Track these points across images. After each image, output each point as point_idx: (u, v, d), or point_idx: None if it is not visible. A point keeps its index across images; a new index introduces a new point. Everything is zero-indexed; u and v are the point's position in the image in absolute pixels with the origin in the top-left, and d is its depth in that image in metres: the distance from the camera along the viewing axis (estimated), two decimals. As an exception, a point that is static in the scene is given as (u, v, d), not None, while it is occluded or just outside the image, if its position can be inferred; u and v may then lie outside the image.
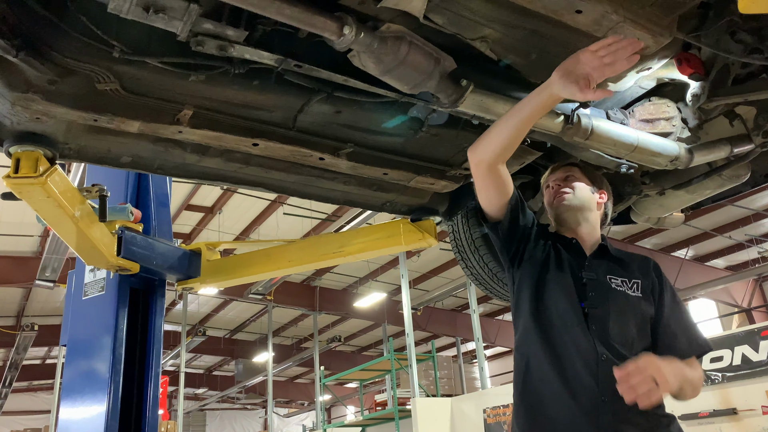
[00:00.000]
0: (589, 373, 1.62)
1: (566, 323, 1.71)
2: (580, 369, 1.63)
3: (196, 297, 16.37)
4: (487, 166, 1.75)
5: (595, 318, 1.70)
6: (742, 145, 2.21)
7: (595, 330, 1.68)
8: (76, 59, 1.62)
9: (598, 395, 1.59)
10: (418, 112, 2.07)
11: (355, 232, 3.00)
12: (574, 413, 1.60)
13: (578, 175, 1.96)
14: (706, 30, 1.80)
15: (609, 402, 1.57)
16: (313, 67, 1.69)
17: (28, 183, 1.92)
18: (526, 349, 1.76)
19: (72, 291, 3.06)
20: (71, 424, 2.75)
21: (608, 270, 1.81)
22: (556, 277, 1.79)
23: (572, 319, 1.71)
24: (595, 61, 1.51)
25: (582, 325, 1.69)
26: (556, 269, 1.81)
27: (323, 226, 12.41)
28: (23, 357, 16.36)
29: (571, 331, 1.69)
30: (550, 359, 1.68)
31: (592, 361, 1.63)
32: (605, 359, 1.62)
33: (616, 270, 1.82)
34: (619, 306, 1.73)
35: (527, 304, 1.80)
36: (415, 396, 9.73)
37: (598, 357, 1.63)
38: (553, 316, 1.73)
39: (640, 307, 1.76)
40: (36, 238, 12.26)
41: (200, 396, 26.31)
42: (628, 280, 1.80)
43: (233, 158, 2.14)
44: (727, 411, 6.57)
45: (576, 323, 1.70)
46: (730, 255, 14.34)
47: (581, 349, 1.66)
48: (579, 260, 1.84)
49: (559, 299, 1.75)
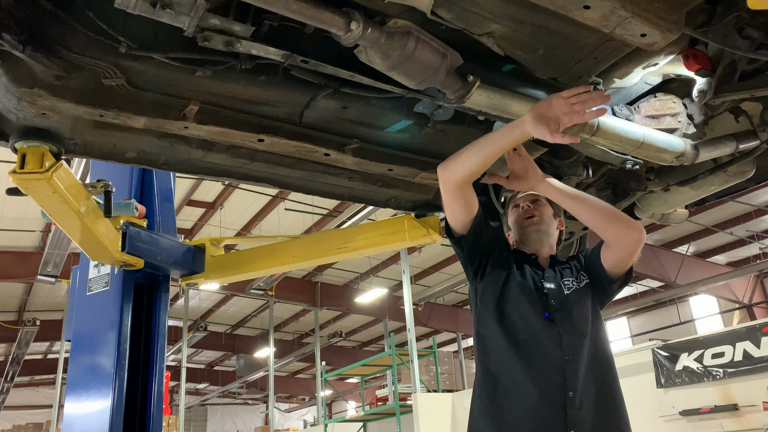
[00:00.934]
0: (555, 371, 1.76)
1: (531, 328, 1.85)
2: (547, 369, 1.77)
3: (198, 292, 16.40)
4: (455, 184, 1.86)
5: (562, 322, 1.85)
6: (747, 141, 2.22)
7: (564, 331, 1.83)
8: (82, 54, 1.62)
9: (565, 391, 1.73)
10: (424, 108, 2.07)
11: (359, 228, 2.99)
12: (542, 408, 1.72)
13: (543, 200, 2.09)
14: (714, 26, 1.79)
15: (573, 398, 1.72)
16: (319, 63, 1.69)
17: (33, 178, 1.92)
18: (494, 357, 1.88)
19: (76, 286, 3.06)
20: (76, 419, 2.76)
21: (561, 276, 1.99)
22: (519, 286, 1.93)
23: (537, 324, 1.85)
24: (565, 107, 1.62)
25: (547, 329, 1.83)
26: (519, 279, 1.95)
27: (325, 221, 12.42)
28: (25, 352, 16.41)
29: (536, 336, 1.83)
30: (517, 363, 1.80)
31: (559, 360, 1.77)
32: (570, 359, 1.78)
33: (565, 272, 2.00)
34: (577, 305, 1.91)
35: (492, 313, 1.92)
36: (417, 391, 9.75)
37: (564, 356, 1.78)
38: (518, 323, 1.87)
39: (589, 293, 1.95)
40: (38, 234, 12.28)
41: (201, 391, 26.37)
42: (575, 278, 1.98)
43: (239, 154, 2.14)
44: (728, 407, 6.58)
45: (541, 328, 1.84)
46: (732, 251, 14.35)
47: (547, 351, 1.80)
48: (539, 272, 1.99)
49: (524, 306, 1.89)
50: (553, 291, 1.93)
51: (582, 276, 1.99)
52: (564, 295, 1.92)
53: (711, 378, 6.81)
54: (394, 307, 16.45)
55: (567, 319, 1.86)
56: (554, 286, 1.94)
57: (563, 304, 1.90)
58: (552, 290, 1.93)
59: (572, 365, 1.77)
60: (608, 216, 1.89)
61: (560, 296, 1.92)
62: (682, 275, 13.53)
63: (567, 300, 1.91)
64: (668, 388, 7.18)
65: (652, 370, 7.31)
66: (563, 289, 1.94)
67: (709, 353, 6.95)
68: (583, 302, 1.92)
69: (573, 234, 2.89)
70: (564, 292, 1.93)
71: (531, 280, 1.95)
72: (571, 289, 1.95)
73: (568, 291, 1.94)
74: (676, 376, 7.13)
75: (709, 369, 6.86)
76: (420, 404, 9.52)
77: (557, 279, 1.97)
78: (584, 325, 1.87)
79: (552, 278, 1.97)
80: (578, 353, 1.80)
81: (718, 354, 6.88)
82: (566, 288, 1.95)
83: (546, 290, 1.92)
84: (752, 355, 6.53)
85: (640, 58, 1.87)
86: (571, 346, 1.81)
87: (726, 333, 7.03)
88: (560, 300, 1.91)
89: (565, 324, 1.84)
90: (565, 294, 1.93)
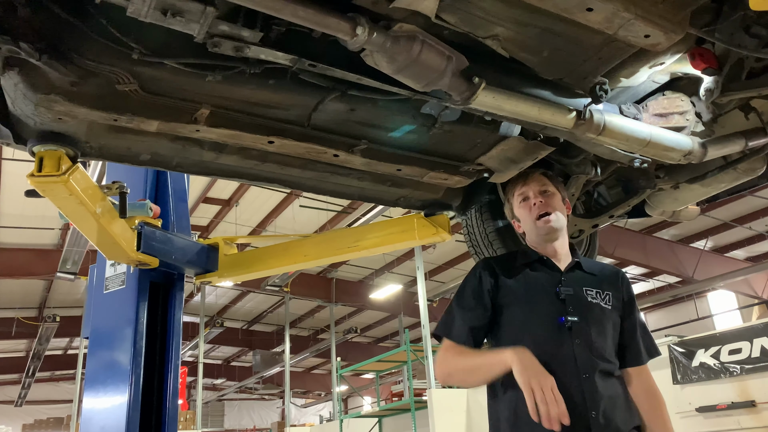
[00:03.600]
0: (574, 390, 1.70)
1: (546, 351, 1.74)
2: (567, 389, 1.68)
3: (214, 289, 16.56)
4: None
5: (578, 331, 1.78)
6: (757, 138, 2.20)
7: (579, 343, 1.77)
8: (97, 61, 1.66)
9: (588, 410, 1.68)
10: (431, 109, 2.09)
11: (369, 227, 3.02)
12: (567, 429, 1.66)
13: (551, 188, 1.99)
14: (720, 24, 1.79)
15: (597, 416, 1.68)
16: (327, 67, 1.71)
17: (51, 181, 1.98)
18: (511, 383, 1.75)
19: (93, 285, 3.13)
20: (94, 414, 2.83)
21: (583, 282, 1.90)
22: (527, 306, 1.86)
23: (552, 346, 1.77)
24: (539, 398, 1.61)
25: (564, 347, 1.76)
26: (525, 298, 1.87)
27: (339, 218, 12.47)
28: (45, 348, 16.69)
29: (551, 357, 1.73)
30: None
31: (576, 379, 1.72)
32: (587, 377, 1.72)
33: (590, 282, 1.91)
34: (597, 318, 1.83)
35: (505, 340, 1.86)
36: (432, 387, 9.78)
37: (581, 376, 1.73)
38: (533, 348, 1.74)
39: (613, 319, 1.87)
40: (57, 231, 12.47)
41: (218, 386, 26.63)
42: (601, 292, 1.89)
43: (250, 155, 2.18)
44: (745, 403, 6.53)
45: (557, 348, 1.76)
46: (750, 246, 14.19)
47: (565, 370, 1.72)
48: (554, 276, 1.90)
49: (536, 329, 1.81)
50: (571, 297, 1.84)
51: (608, 297, 1.88)
52: (585, 303, 1.83)
53: (728, 374, 6.76)
54: (408, 303, 16.49)
55: (584, 331, 1.78)
56: (573, 291, 1.85)
57: (584, 311, 1.82)
58: (571, 296, 1.84)
59: (590, 383, 1.72)
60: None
61: (580, 303, 1.83)
62: (699, 270, 13.41)
63: (587, 308, 1.83)
64: (685, 385, 7.13)
65: (668, 366, 7.27)
66: (585, 296, 1.85)
67: (726, 349, 6.90)
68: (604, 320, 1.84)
69: (583, 232, 2.90)
70: (587, 299, 1.85)
71: (545, 288, 1.87)
72: (595, 300, 1.86)
73: (592, 300, 1.85)
74: (693, 372, 7.08)
75: (726, 365, 6.81)
76: (435, 400, 9.55)
77: (577, 284, 1.88)
78: (602, 343, 1.79)
79: (571, 282, 1.88)
80: (594, 370, 1.74)
81: (735, 350, 6.82)
82: (588, 296, 1.86)
83: (563, 296, 1.83)
84: (770, 352, 6.47)
85: (646, 57, 1.87)
86: (587, 362, 1.75)
87: (743, 329, 6.96)
88: (580, 307, 1.82)
89: (581, 335, 1.77)
90: (588, 301, 1.84)
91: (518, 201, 2.01)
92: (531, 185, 1.99)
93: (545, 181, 2.00)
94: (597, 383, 1.73)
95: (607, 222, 2.88)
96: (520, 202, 2.01)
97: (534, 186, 1.99)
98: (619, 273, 2.00)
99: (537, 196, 1.96)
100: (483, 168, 2.40)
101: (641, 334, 1.93)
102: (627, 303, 1.93)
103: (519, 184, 2.02)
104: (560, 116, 1.89)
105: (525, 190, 1.99)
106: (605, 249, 11.66)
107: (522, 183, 2.01)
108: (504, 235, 2.86)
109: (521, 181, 2.02)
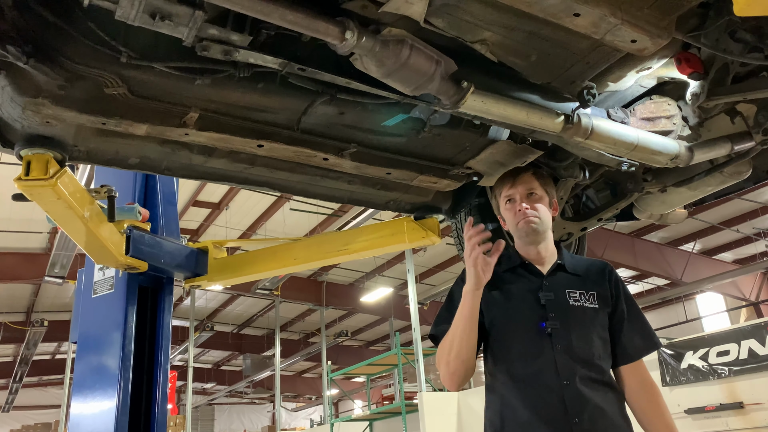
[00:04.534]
0: (555, 397, 1.70)
1: (527, 359, 1.77)
2: (547, 396, 1.71)
3: (204, 293, 16.47)
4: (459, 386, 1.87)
5: (558, 337, 1.77)
6: (742, 142, 2.22)
7: (560, 348, 1.75)
8: (85, 64, 1.65)
9: (570, 418, 1.67)
10: (420, 113, 2.10)
11: (359, 230, 3.03)
12: None
13: (539, 191, 1.95)
14: (706, 29, 1.81)
15: (580, 423, 1.67)
16: (316, 71, 1.72)
17: (38, 185, 1.97)
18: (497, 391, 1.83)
19: (82, 289, 3.11)
20: (82, 419, 2.81)
21: (566, 285, 1.87)
22: (508, 313, 1.86)
23: (533, 352, 1.77)
24: (468, 254, 1.78)
25: (544, 353, 1.75)
26: (506, 304, 1.88)
27: (329, 221, 12.46)
28: (33, 352, 16.53)
29: (532, 364, 1.75)
30: (519, 395, 1.75)
31: (557, 386, 1.71)
32: (568, 384, 1.71)
33: (573, 283, 1.88)
34: (580, 321, 1.81)
35: (490, 349, 1.88)
36: (422, 390, 9.77)
37: (562, 382, 1.71)
38: (514, 355, 1.80)
39: (599, 319, 1.84)
40: (45, 235, 12.37)
41: (208, 391, 26.48)
42: (585, 292, 1.86)
43: (239, 159, 2.18)
44: (733, 405, 6.57)
45: (537, 354, 1.76)
46: (738, 248, 14.30)
47: (545, 377, 1.73)
48: (535, 281, 1.89)
49: (516, 335, 1.82)
50: (552, 302, 1.82)
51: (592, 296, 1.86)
52: (567, 307, 1.82)
53: (716, 376, 6.80)
54: (399, 306, 16.48)
55: (565, 336, 1.76)
56: (554, 296, 1.83)
57: (565, 316, 1.80)
58: (551, 301, 1.82)
59: (571, 390, 1.70)
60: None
61: (561, 307, 1.81)
62: (688, 273, 13.50)
63: (569, 312, 1.81)
64: (673, 387, 7.17)
65: (657, 368, 7.30)
66: (567, 300, 1.83)
67: (714, 351, 6.94)
68: (587, 322, 1.81)
69: (571, 235, 2.91)
70: (569, 302, 1.82)
71: (525, 294, 1.86)
72: (578, 302, 1.83)
73: (575, 303, 1.83)
74: (682, 374, 7.12)
75: (715, 367, 6.85)
76: (426, 403, 9.54)
77: (560, 287, 1.85)
78: (585, 347, 1.77)
79: (553, 286, 1.86)
80: (577, 378, 1.72)
81: (723, 352, 6.86)
82: (571, 299, 1.83)
83: (544, 301, 1.82)
84: (757, 353, 6.51)
85: (633, 62, 1.89)
86: (567, 368, 1.72)
87: (731, 331, 7.01)
88: (562, 311, 1.80)
89: (561, 340, 1.75)
90: (570, 305, 1.82)
91: (504, 202, 1.98)
92: (518, 188, 1.95)
93: (533, 183, 1.95)
94: (580, 389, 1.70)
95: (596, 225, 2.90)
96: (505, 203, 1.97)
97: (521, 189, 1.94)
98: (606, 267, 1.96)
99: (522, 200, 1.92)
100: (472, 171, 2.41)
101: (631, 329, 1.88)
102: (614, 297, 1.89)
103: (507, 185, 1.97)
104: (548, 120, 1.90)
105: (512, 192, 1.95)
106: (594, 251, 11.71)
107: (510, 185, 1.97)
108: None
109: (509, 182, 1.97)
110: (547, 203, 1.96)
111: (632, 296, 1.96)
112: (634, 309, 1.92)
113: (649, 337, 1.91)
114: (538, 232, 1.91)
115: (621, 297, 1.91)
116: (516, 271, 1.94)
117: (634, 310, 1.92)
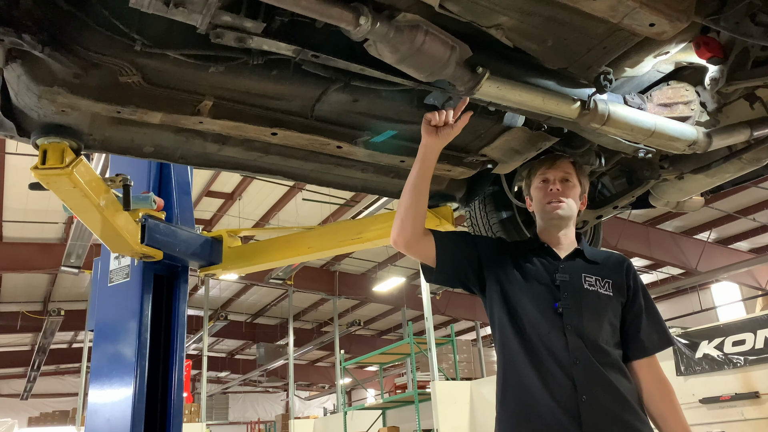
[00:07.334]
0: (565, 374, 1.72)
1: (539, 332, 1.79)
2: (556, 372, 1.73)
3: (218, 282, 16.60)
4: (404, 244, 1.91)
5: (570, 316, 1.79)
6: (762, 128, 2.18)
7: (570, 329, 1.77)
8: (99, 53, 1.65)
9: (578, 395, 1.69)
10: (434, 100, 2.08)
11: (372, 219, 3.02)
12: (557, 413, 1.69)
13: (574, 179, 2.00)
14: (726, 13, 1.77)
15: (587, 401, 1.68)
16: (330, 57, 1.71)
17: (55, 174, 1.98)
18: (505, 361, 1.85)
19: (98, 277, 3.14)
20: (100, 406, 2.84)
21: (582, 270, 1.90)
22: (525, 287, 1.88)
23: (545, 327, 1.79)
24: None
25: (555, 330, 1.78)
26: (524, 280, 1.90)
27: (342, 211, 12.48)
28: (50, 341, 16.78)
29: (544, 338, 1.78)
30: (528, 367, 1.77)
31: (567, 364, 1.73)
32: (578, 362, 1.73)
33: (589, 269, 1.91)
34: (592, 304, 1.83)
35: (501, 319, 1.89)
36: (435, 379, 9.81)
37: (572, 360, 1.73)
38: (526, 327, 1.82)
39: (611, 305, 1.86)
40: (61, 225, 12.50)
41: (223, 379, 26.74)
42: (600, 278, 1.89)
43: (253, 147, 2.18)
44: (749, 394, 6.52)
45: (549, 329, 1.79)
46: (754, 237, 14.16)
47: (556, 353, 1.75)
48: (553, 263, 1.92)
49: (530, 309, 1.84)
50: (566, 284, 1.85)
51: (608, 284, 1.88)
52: (581, 290, 1.84)
53: (732, 366, 6.75)
54: (412, 295, 16.51)
55: (576, 316, 1.78)
56: (569, 278, 1.86)
57: (578, 298, 1.82)
58: (566, 282, 1.85)
59: (580, 369, 1.72)
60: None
61: (575, 289, 1.84)
62: (703, 262, 13.40)
63: (582, 295, 1.83)
64: (688, 376, 7.13)
65: (671, 357, 7.26)
66: (582, 283, 1.85)
67: (729, 341, 6.88)
68: (600, 306, 1.83)
69: (587, 223, 2.89)
70: (583, 286, 1.85)
71: (541, 273, 1.89)
72: (593, 287, 1.86)
73: (589, 287, 1.85)
74: (697, 363, 7.08)
75: (730, 357, 6.80)
76: (438, 392, 9.58)
77: (575, 272, 1.88)
78: (596, 329, 1.79)
79: (569, 270, 1.88)
80: (587, 357, 1.74)
81: (738, 341, 6.81)
82: (586, 283, 1.86)
83: (558, 282, 1.85)
84: (774, 343, 6.46)
85: (651, 46, 1.86)
86: (577, 347, 1.75)
87: (747, 320, 6.95)
88: (574, 293, 1.83)
89: (572, 319, 1.78)
90: (584, 288, 1.84)
91: (538, 181, 2.02)
92: (556, 171, 2.00)
93: (571, 170, 2.01)
94: (590, 368, 1.72)
95: (612, 213, 2.87)
96: (540, 182, 2.01)
97: (558, 172, 1.99)
98: (625, 261, 1.99)
99: (556, 183, 1.98)
100: (487, 159, 2.40)
101: (648, 324, 1.89)
102: (631, 291, 1.91)
103: (545, 166, 2.02)
104: (564, 106, 1.88)
105: (549, 173, 2.00)
106: (608, 241, 11.64)
107: (548, 166, 2.01)
108: (507, 227, 2.86)
109: (548, 163, 2.02)
110: (578, 194, 2.01)
111: (648, 292, 1.97)
112: (650, 305, 1.94)
113: (664, 333, 1.93)
114: (563, 217, 1.96)
115: (639, 291, 1.92)
116: (536, 252, 1.97)
117: (650, 305, 1.94)
